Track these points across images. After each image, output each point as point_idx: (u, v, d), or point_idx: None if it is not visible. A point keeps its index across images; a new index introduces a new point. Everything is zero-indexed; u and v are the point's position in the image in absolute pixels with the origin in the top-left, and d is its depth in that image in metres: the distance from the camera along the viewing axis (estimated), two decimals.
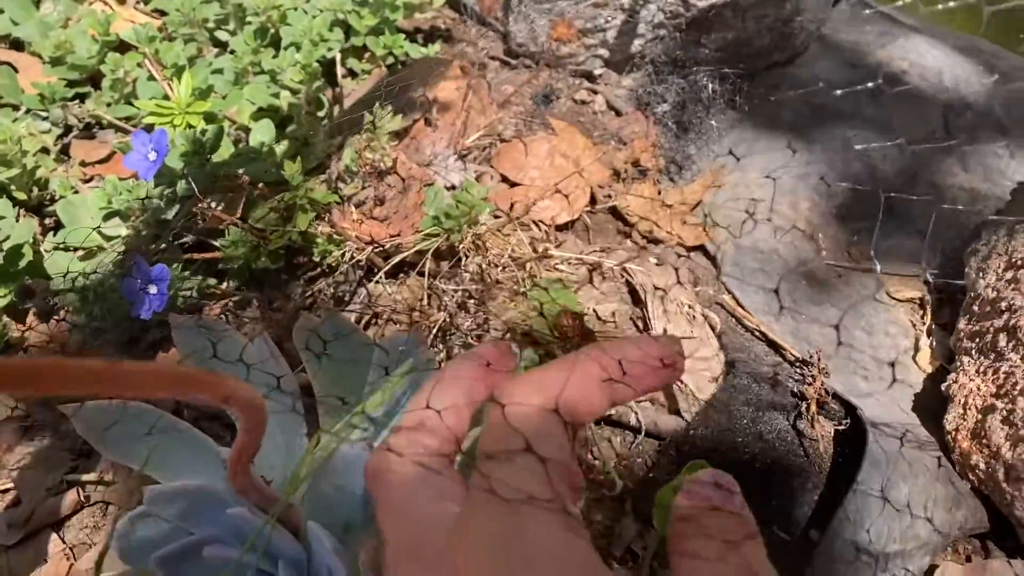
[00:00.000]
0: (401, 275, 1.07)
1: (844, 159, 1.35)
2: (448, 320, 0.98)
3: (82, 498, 0.89)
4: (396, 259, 1.04)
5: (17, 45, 1.38)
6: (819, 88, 1.47)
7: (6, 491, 0.90)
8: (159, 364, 0.37)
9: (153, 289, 0.90)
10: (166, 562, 0.65)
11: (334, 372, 0.71)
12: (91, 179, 1.20)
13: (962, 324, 1.04)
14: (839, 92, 1.44)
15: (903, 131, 1.42)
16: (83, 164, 1.18)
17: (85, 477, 0.90)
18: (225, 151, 1.04)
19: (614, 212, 1.23)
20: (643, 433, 0.95)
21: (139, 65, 1.24)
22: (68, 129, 1.25)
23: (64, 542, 0.86)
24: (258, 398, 0.48)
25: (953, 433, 0.94)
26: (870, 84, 1.45)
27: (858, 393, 1.02)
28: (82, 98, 1.27)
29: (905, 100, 1.47)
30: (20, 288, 0.90)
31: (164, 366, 0.38)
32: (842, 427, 0.95)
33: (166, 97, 1.14)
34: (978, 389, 0.93)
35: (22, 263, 0.98)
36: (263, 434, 0.52)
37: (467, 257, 1.03)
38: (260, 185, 1.01)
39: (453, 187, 1.17)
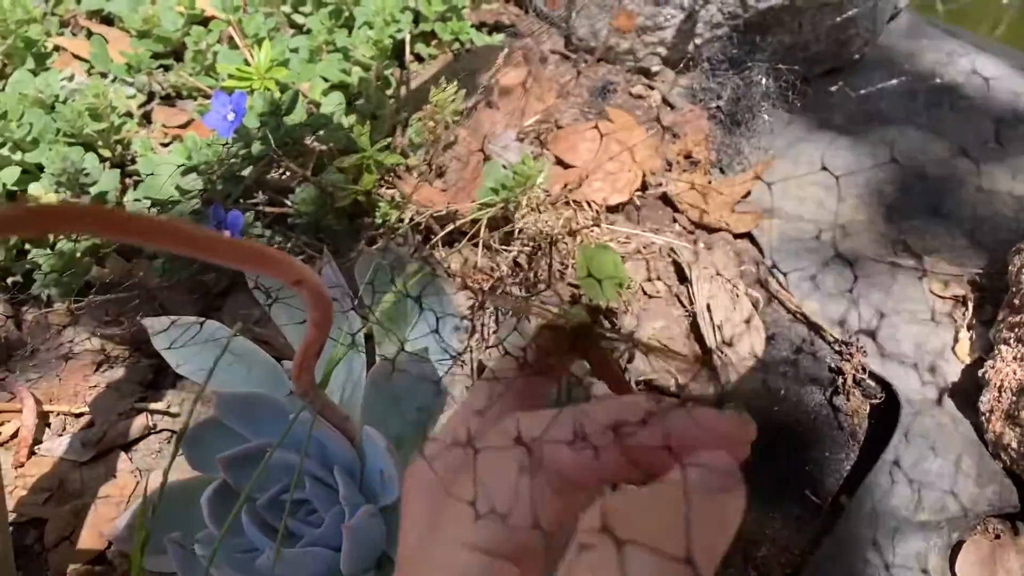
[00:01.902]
0: (455, 243, 1.13)
1: (893, 161, 1.37)
2: (500, 280, 1.03)
3: (150, 424, 0.95)
4: (453, 225, 1.09)
5: (106, 21, 1.46)
6: (872, 93, 1.50)
7: (81, 415, 0.96)
8: (242, 240, 0.42)
9: (226, 233, 0.96)
10: (230, 464, 0.70)
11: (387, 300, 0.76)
12: (170, 143, 1.27)
13: (1002, 316, 1.06)
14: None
15: (955, 140, 1.44)
16: (164, 127, 1.26)
17: (153, 406, 0.96)
18: (298, 116, 1.10)
19: (664, 199, 1.27)
20: (681, 399, 0.98)
21: (219, 41, 1.32)
22: (151, 97, 1.33)
23: (132, 462, 0.92)
24: (327, 292, 0.53)
25: (987, 415, 0.96)
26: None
27: (895, 377, 1.04)
28: (165, 69, 1.35)
29: (958, 111, 1.49)
30: None
31: (247, 241, 0.43)
32: (877, 401, 0.98)
33: (246, 63, 1.21)
34: (1014, 373, 0.95)
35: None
36: (328, 331, 0.56)
37: (520, 224, 1.08)
38: (330, 145, 1.07)
39: (507, 167, 1.22)
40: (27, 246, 1.07)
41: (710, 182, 1.29)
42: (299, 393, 0.64)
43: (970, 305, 1.17)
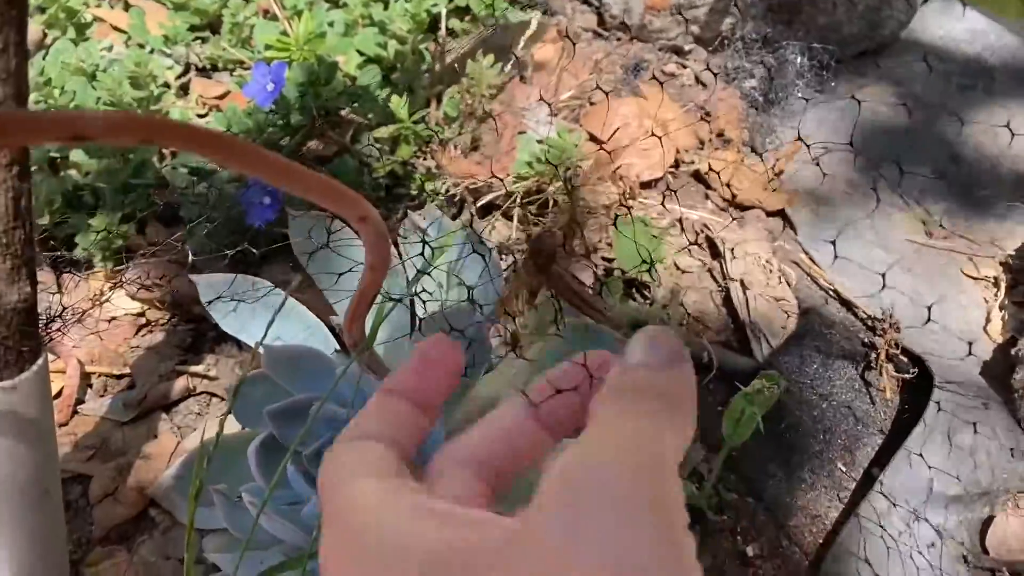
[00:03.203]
0: (489, 216, 1.13)
1: (926, 143, 1.37)
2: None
3: (190, 386, 0.96)
4: (488, 197, 1.10)
5: None
6: (905, 75, 1.50)
7: (122, 376, 0.98)
8: (318, 173, 0.43)
9: (267, 200, 0.97)
10: (277, 417, 0.71)
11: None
12: (207, 113, 1.28)
13: None
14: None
15: (989, 123, 1.44)
16: (201, 98, 1.27)
17: (193, 369, 0.97)
18: (336, 87, 1.11)
19: (697, 176, 1.28)
20: (715, 370, 0.99)
21: (256, 14, 1.33)
22: (187, 68, 1.34)
23: (172, 423, 0.94)
24: (388, 234, 0.54)
25: (1020, 391, 0.96)
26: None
27: (927, 354, 1.04)
28: (202, 41, 1.36)
29: (992, 93, 1.49)
30: (158, 180, 0.98)
31: (322, 175, 0.44)
32: (911, 376, 0.98)
33: (284, 34, 1.22)
34: None
35: (147, 176, 1.06)
36: (384, 277, 0.57)
37: (555, 201, 1.09)
38: (368, 116, 1.08)
39: (541, 141, 1.22)
40: (67, 210, 1.08)
41: (743, 160, 1.30)
42: (350, 344, 0.64)
43: (1002, 286, 1.17)
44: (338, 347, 0.79)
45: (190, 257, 1.03)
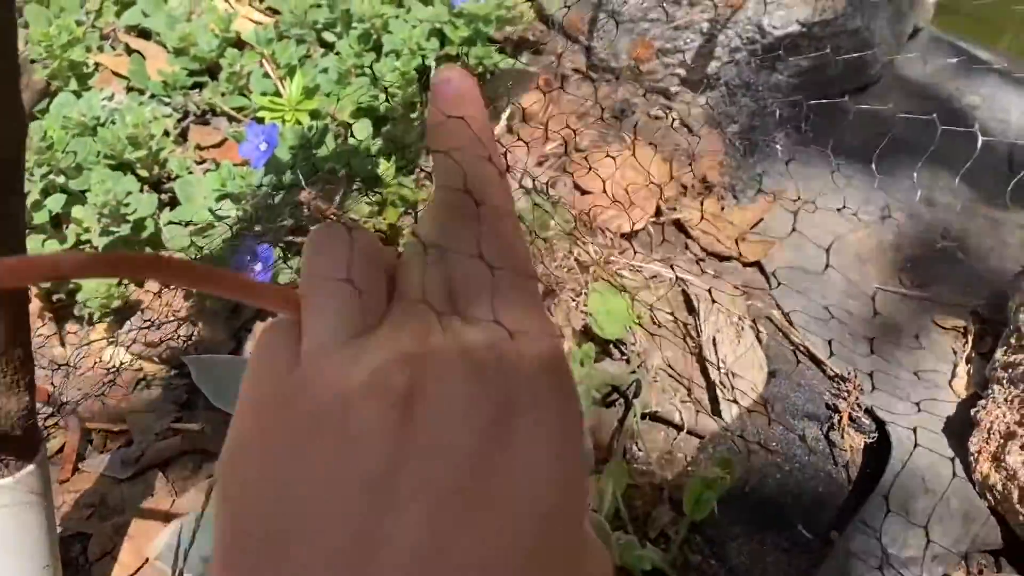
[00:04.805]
0: None
1: (903, 189, 1.41)
2: None
3: (186, 444, 1.01)
4: None
5: (143, 34, 1.52)
6: (887, 117, 1.53)
7: (120, 432, 1.03)
8: (269, 284, 0.48)
9: (258, 267, 1.02)
10: None
11: None
12: (204, 162, 1.33)
13: (999, 354, 1.10)
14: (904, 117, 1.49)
15: (966, 165, 1.47)
16: (198, 148, 1.32)
17: (188, 426, 1.03)
18: (327, 147, 1.16)
19: (677, 224, 1.32)
20: (684, 431, 1.04)
21: (256, 63, 1.37)
22: (186, 115, 1.38)
23: (168, 480, 0.99)
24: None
25: (975, 455, 1.00)
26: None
27: (891, 411, 1.09)
28: (200, 87, 1.40)
29: (972, 135, 1.52)
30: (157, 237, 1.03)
31: (272, 284, 0.48)
32: (871, 440, 1.03)
33: (277, 93, 1.26)
34: (1003, 416, 1.00)
35: (145, 234, 1.11)
36: None
37: (535, 259, 1.13)
38: (359, 180, 1.13)
39: (529, 192, 1.27)
40: None
41: (723, 208, 1.34)
42: None
43: (970, 337, 1.21)
44: None
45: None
